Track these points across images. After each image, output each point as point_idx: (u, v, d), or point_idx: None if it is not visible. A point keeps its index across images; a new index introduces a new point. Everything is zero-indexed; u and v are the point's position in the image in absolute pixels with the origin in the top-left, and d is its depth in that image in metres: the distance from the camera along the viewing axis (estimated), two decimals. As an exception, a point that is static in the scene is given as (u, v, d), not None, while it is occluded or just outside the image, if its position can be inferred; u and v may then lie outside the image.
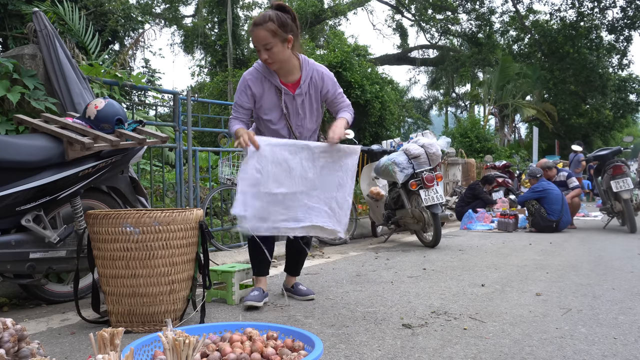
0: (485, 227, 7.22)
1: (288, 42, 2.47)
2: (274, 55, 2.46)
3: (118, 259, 2.16)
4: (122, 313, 2.20)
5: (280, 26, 2.42)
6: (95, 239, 2.22)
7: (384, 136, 11.31)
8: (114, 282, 2.18)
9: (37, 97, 3.02)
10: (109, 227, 2.15)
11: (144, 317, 2.20)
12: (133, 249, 2.15)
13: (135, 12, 11.21)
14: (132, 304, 2.18)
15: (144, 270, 2.16)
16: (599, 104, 23.05)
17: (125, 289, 2.17)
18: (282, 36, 2.43)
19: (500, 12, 23.08)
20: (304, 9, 16.97)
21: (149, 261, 2.16)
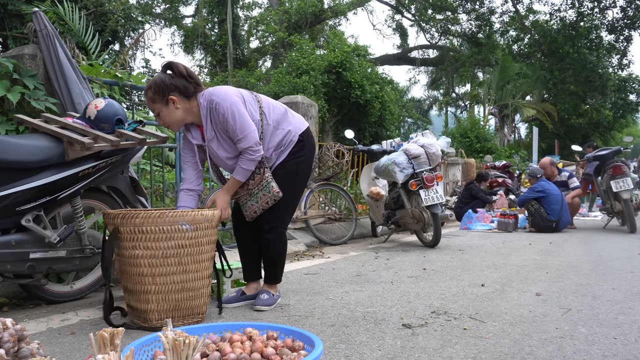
0: (485, 227, 7.23)
1: (172, 102, 2.39)
2: (164, 118, 2.43)
3: (171, 256, 2.21)
4: (167, 309, 2.24)
5: (156, 92, 2.38)
6: (143, 238, 2.19)
7: (384, 136, 11.32)
8: (162, 280, 2.21)
9: (37, 97, 3.02)
10: (164, 226, 2.19)
11: (186, 311, 2.28)
12: (187, 246, 2.23)
13: (135, 12, 11.22)
14: (178, 299, 2.25)
15: (194, 265, 2.27)
16: (598, 104, 23.05)
17: (175, 285, 2.23)
18: (161, 100, 2.39)
19: (500, 12, 23.07)
20: (304, 9, 16.96)
21: (198, 256, 2.28)
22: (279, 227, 2.61)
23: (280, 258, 2.66)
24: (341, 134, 10.50)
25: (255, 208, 2.55)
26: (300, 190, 2.69)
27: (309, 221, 5.50)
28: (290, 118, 2.62)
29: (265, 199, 2.51)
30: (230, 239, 5.06)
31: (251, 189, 2.53)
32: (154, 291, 2.21)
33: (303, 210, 5.47)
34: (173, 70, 2.44)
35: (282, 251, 2.66)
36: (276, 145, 2.55)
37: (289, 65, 11.64)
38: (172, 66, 2.44)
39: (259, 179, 2.51)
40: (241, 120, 2.36)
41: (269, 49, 19.28)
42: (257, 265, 2.76)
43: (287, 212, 2.64)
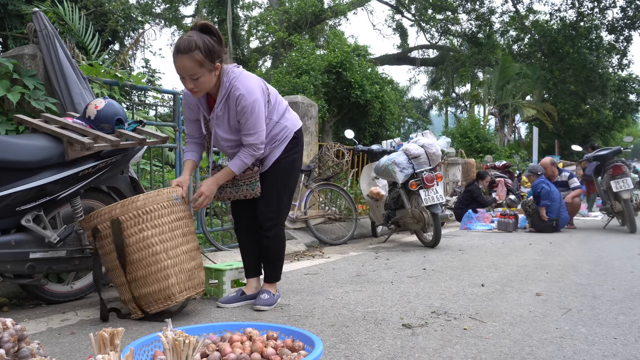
0: (485, 227, 7.23)
1: (215, 70, 2.30)
2: (200, 85, 2.29)
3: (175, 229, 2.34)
4: (185, 280, 2.34)
5: (207, 55, 2.23)
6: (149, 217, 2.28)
7: (384, 136, 11.32)
8: (175, 253, 2.32)
9: (37, 97, 3.02)
10: (163, 202, 2.32)
11: (197, 280, 2.42)
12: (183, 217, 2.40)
13: (135, 12, 11.22)
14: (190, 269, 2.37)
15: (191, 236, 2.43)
16: (599, 104, 23.04)
17: (185, 256, 2.36)
18: (209, 66, 2.25)
19: (500, 12, 23.08)
20: (304, 9, 16.96)
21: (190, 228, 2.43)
22: (279, 225, 2.64)
23: (280, 256, 2.68)
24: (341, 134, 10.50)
25: (232, 196, 2.58)
26: (294, 186, 2.72)
27: (309, 221, 5.50)
28: (288, 114, 2.63)
29: (245, 193, 2.55)
30: (230, 238, 5.06)
31: (238, 180, 2.54)
32: (171, 265, 2.29)
33: (303, 210, 5.47)
34: (214, 34, 2.28)
35: (282, 249, 2.68)
36: (271, 138, 2.54)
37: (289, 65, 11.64)
38: (211, 30, 2.28)
39: (249, 174, 2.53)
40: (258, 118, 2.37)
41: (269, 49, 19.29)
42: (257, 264, 2.77)
43: (285, 209, 2.67)
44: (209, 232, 4.44)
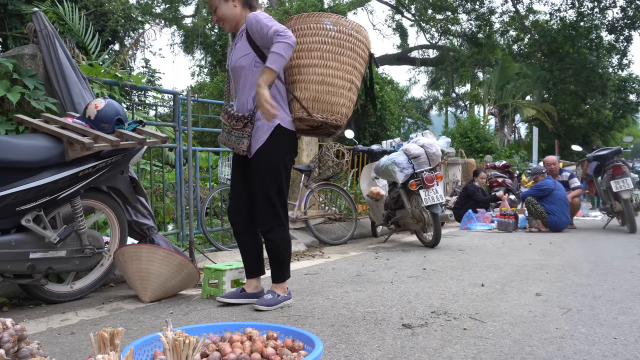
0: (485, 227, 7.22)
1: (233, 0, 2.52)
2: (220, 14, 2.53)
3: (315, 50, 2.48)
4: (308, 98, 2.48)
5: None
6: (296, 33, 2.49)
7: (384, 136, 11.30)
8: (307, 71, 2.49)
9: (37, 97, 3.02)
10: (310, 24, 2.50)
11: (324, 105, 2.49)
12: (329, 43, 2.49)
13: (135, 12, 11.22)
14: (318, 91, 2.48)
15: (335, 63, 2.50)
16: (599, 104, 23.04)
17: (316, 77, 2.48)
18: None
19: (500, 12, 23.05)
20: (304, 9, 16.96)
21: (339, 57, 2.50)
22: (276, 226, 2.57)
23: (284, 256, 2.62)
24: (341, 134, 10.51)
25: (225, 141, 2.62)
26: (287, 185, 2.62)
27: (309, 221, 5.50)
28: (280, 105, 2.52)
29: (233, 144, 2.56)
30: (230, 239, 5.06)
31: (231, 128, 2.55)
32: (298, 80, 2.50)
33: (303, 210, 5.47)
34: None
35: (284, 249, 2.62)
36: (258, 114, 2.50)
37: (289, 65, 11.62)
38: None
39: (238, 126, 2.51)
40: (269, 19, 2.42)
41: (269, 49, 19.24)
42: (258, 264, 2.73)
43: (282, 209, 2.58)
44: (209, 232, 4.45)
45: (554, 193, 6.68)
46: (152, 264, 2.74)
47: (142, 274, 2.76)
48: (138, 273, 2.76)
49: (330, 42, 2.48)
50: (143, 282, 2.76)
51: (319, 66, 2.48)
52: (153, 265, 2.74)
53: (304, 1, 17.04)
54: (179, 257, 2.79)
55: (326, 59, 2.48)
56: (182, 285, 2.90)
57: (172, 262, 2.77)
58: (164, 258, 2.75)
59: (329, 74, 2.48)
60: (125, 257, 2.79)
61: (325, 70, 2.48)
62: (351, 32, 2.52)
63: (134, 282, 2.80)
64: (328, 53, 2.48)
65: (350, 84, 2.53)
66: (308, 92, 2.48)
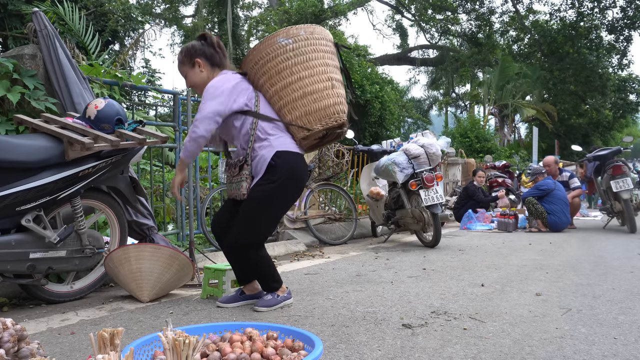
0: (485, 227, 7.22)
1: (198, 65, 2.58)
2: (188, 80, 2.62)
3: (283, 70, 2.48)
4: (300, 116, 2.48)
5: (185, 55, 2.60)
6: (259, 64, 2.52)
7: (384, 136, 11.30)
8: (286, 92, 2.49)
9: (37, 97, 3.02)
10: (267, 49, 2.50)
11: (318, 114, 2.48)
12: (292, 57, 2.48)
13: (135, 12, 11.21)
14: (305, 104, 2.48)
15: (306, 71, 2.48)
16: (598, 104, 23.04)
17: (296, 93, 2.48)
18: (188, 62, 2.59)
19: (500, 12, 23.08)
20: (304, 9, 16.96)
21: (307, 63, 2.49)
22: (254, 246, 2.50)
23: (266, 272, 2.57)
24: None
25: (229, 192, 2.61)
26: (276, 213, 2.57)
27: (309, 221, 5.50)
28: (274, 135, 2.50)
29: (233, 192, 2.55)
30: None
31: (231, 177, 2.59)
32: (283, 104, 2.50)
33: (303, 210, 5.47)
34: (205, 39, 2.64)
35: (265, 265, 2.55)
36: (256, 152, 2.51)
37: (289, 65, 11.62)
38: (205, 36, 2.66)
39: (235, 172, 2.55)
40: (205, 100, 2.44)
41: (269, 49, 19.25)
42: (245, 274, 2.67)
43: (264, 231, 2.54)
44: (209, 232, 4.44)
45: (553, 193, 6.69)
46: (142, 262, 2.73)
47: (135, 274, 2.75)
48: (130, 274, 2.76)
49: (292, 55, 2.48)
50: (138, 283, 2.76)
51: (294, 82, 2.47)
52: (143, 264, 2.73)
53: (304, 1, 17.04)
54: (167, 250, 2.79)
55: (297, 72, 2.47)
56: (178, 277, 2.88)
57: (161, 256, 2.76)
58: (153, 254, 2.75)
59: (307, 84, 2.47)
60: (115, 262, 2.78)
61: (301, 82, 2.47)
62: (307, 36, 2.52)
63: (129, 284, 2.79)
64: (296, 66, 2.47)
65: (330, 82, 2.52)
66: (297, 111, 2.48)
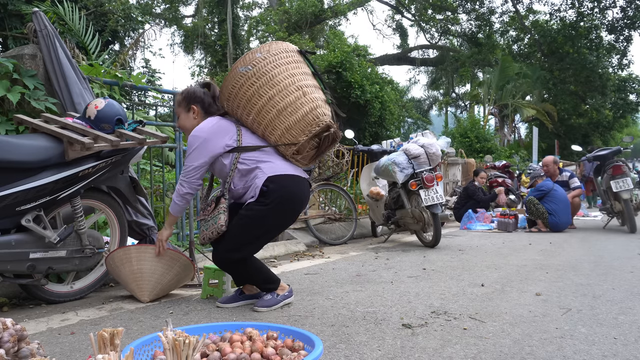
0: (485, 227, 7.22)
1: (193, 112, 2.64)
2: (180, 122, 2.69)
3: (252, 96, 2.50)
4: (282, 134, 2.50)
5: (185, 98, 2.66)
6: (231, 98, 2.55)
7: (384, 136, 11.30)
8: (262, 116, 2.51)
9: (37, 97, 3.02)
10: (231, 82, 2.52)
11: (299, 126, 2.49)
12: (256, 82, 2.49)
13: (135, 12, 11.21)
14: (282, 121, 2.48)
15: (273, 89, 2.48)
16: (598, 104, 23.04)
17: (271, 113, 2.49)
18: (185, 106, 2.65)
19: (500, 12, 23.07)
20: (304, 9, 16.96)
21: (272, 80, 2.48)
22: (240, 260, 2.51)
23: (259, 277, 2.58)
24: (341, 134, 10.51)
25: (205, 235, 2.55)
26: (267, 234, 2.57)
27: (309, 221, 5.50)
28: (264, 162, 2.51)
29: (212, 229, 2.50)
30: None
31: (206, 215, 2.58)
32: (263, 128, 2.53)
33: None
34: (209, 89, 2.73)
35: (256, 272, 2.57)
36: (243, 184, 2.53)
37: (289, 65, 11.62)
38: (209, 85, 2.75)
39: (213, 208, 2.55)
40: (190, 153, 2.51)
41: (269, 49, 19.25)
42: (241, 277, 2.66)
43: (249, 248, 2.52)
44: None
45: (553, 192, 6.68)
46: (144, 263, 2.73)
47: (136, 275, 2.75)
48: (132, 275, 2.75)
49: (256, 79, 2.48)
50: (138, 283, 2.76)
51: (265, 103, 2.47)
52: (145, 264, 2.73)
53: (304, 1, 17.04)
54: (168, 252, 2.78)
55: (265, 93, 2.47)
56: (179, 279, 2.88)
57: (162, 257, 2.76)
58: (154, 255, 2.75)
59: (277, 101, 2.46)
60: (116, 262, 2.78)
61: (272, 101, 2.47)
62: (264, 56, 2.50)
63: (130, 284, 2.79)
64: (262, 88, 2.47)
65: (300, 91, 2.48)
66: (278, 130, 2.49)
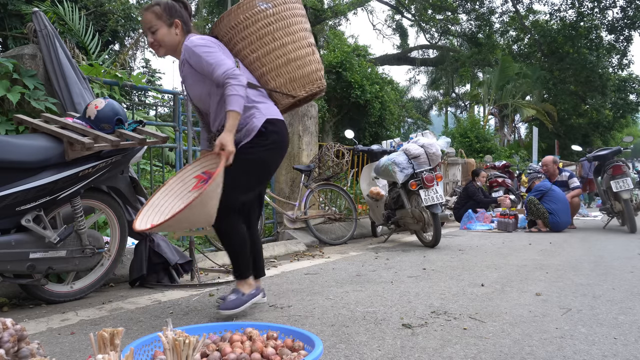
0: (485, 227, 7.22)
1: (175, 26, 2.40)
2: (159, 38, 2.38)
3: (265, 35, 2.40)
4: (285, 83, 2.45)
5: (165, 10, 2.38)
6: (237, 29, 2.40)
7: (384, 136, 11.31)
8: (269, 58, 2.42)
9: (37, 97, 3.02)
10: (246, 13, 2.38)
11: (303, 79, 2.47)
12: (273, 22, 2.40)
13: (135, 12, 11.21)
14: (289, 71, 2.43)
15: (288, 37, 2.43)
16: (598, 104, 23.04)
17: (280, 60, 2.42)
18: (167, 20, 2.38)
19: (500, 12, 23.07)
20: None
21: (289, 29, 2.43)
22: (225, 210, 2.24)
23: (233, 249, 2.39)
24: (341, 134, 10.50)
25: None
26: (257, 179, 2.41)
27: (309, 221, 5.50)
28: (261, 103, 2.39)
29: None
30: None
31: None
32: (267, 71, 2.43)
33: (303, 210, 5.47)
34: (184, 4, 2.48)
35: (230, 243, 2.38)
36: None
37: (289, 65, 11.63)
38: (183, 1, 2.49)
39: None
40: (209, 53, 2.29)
41: (269, 49, 19.27)
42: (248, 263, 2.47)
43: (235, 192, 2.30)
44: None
45: (551, 192, 6.68)
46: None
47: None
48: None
49: (274, 20, 2.40)
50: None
51: (277, 48, 2.41)
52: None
53: (304, 1, 17.02)
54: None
55: (279, 38, 2.41)
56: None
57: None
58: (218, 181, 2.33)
59: (290, 50, 2.42)
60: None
61: (284, 48, 2.42)
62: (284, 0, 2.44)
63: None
64: (278, 31, 2.41)
65: (311, 48, 2.49)
66: (282, 77, 2.45)
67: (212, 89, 2.36)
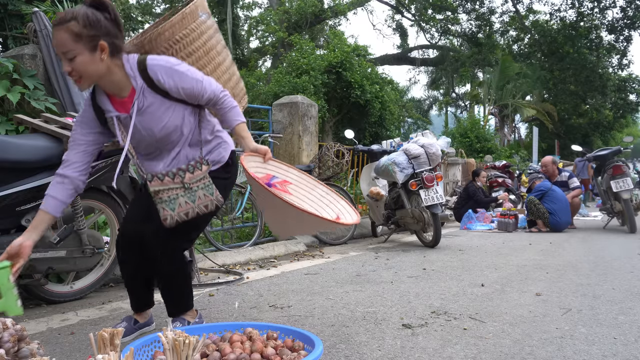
0: (485, 227, 7.22)
1: (101, 50, 1.77)
2: (78, 67, 1.76)
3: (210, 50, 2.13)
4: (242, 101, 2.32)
5: (85, 26, 1.73)
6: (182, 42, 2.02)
7: (384, 136, 11.30)
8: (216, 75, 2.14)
9: (37, 97, 3.02)
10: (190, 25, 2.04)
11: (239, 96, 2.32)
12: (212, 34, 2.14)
13: (135, 12, 11.21)
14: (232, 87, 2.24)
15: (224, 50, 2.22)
16: (599, 104, 23.06)
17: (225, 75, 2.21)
18: (88, 42, 1.74)
19: (500, 12, 23.06)
20: (304, 9, 16.95)
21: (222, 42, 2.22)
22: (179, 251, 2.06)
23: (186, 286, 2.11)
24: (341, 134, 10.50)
25: (189, 209, 1.93)
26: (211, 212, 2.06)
27: (309, 221, 5.49)
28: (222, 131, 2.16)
29: (205, 201, 1.95)
30: (230, 239, 5.06)
31: (187, 182, 1.93)
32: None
33: (303, 210, 5.46)
34: (108, 11, 1.81)
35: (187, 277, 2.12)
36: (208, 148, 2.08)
37: (288, 65, 11.63)
38: (106, 5, 1.81)
39: (198, 174, 1.95)
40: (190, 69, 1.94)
41: (269, 49, 19.28)
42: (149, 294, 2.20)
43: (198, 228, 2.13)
44: (209, 232, 4.44)
45: (551, 192, 6.68)
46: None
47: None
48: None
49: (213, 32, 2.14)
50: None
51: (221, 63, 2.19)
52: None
53: (304, 1, 17.03)
54: None
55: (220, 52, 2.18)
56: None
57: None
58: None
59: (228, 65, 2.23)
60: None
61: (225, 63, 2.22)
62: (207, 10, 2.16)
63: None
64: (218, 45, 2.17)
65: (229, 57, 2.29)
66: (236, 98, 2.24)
67: (187, 117, 1.97)
